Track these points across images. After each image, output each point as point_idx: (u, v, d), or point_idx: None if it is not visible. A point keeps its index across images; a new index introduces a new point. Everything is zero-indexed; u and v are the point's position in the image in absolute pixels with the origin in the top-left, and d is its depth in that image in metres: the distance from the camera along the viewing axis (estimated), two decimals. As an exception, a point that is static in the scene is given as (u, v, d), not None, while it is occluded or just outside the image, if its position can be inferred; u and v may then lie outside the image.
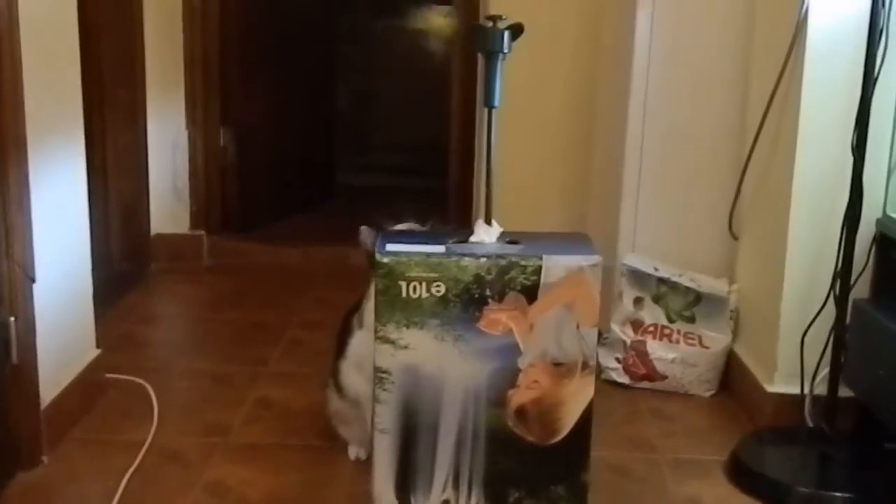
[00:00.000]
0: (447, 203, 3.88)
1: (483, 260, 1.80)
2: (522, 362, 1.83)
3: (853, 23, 2.24)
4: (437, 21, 5.21)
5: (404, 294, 1.80)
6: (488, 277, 1.80)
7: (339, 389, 2.26)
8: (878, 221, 2.33)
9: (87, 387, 2.50)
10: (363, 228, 2.12)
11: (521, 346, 1.82)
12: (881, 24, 2.16)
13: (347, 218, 4.28)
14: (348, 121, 5.11)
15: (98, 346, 2.61)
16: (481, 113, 3.46)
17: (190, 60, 3.74)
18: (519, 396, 1.84)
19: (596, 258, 1.83)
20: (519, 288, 1.80)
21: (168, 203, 3.80)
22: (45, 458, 2.24)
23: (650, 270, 2.77)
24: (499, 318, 1.81)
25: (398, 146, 5.23)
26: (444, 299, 1.80)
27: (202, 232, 3.87)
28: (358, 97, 5.27)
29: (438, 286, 1.80)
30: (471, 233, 1.91)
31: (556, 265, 1.80)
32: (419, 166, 4.71)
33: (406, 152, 5.11)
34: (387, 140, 5.32)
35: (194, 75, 3.75)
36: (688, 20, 2.77)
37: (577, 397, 1.85)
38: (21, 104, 2.11)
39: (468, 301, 1.80)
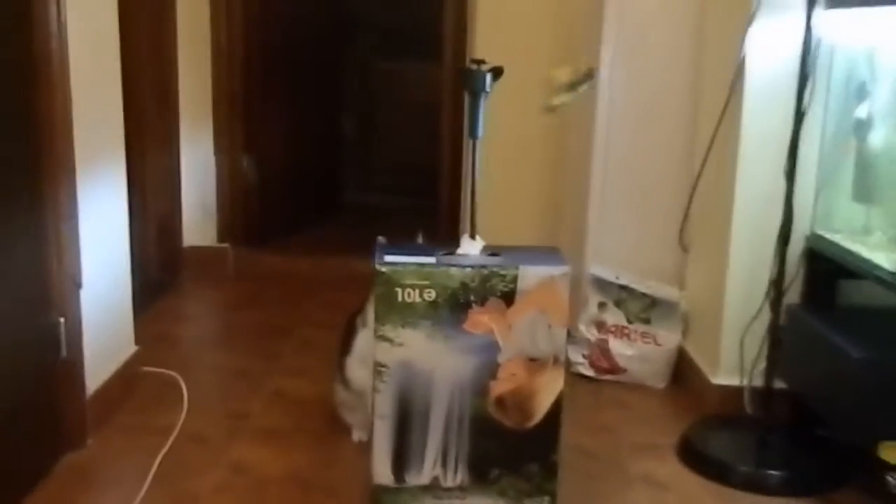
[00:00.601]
0: (439, 219, 3.88)
1: (468, 270, 1.80)
2: (502, 357, 1.83)
3: (785, 66, 2.25)
4: (430, 60, 5.20)
5: (400, 299, 1.80)
6: (472, 285, 1.80)
7: (345, 382, 2.24)
8: (807, 237, 2.33)
9: (126, 378, 2.49)
10: (381, 239, 2.08)
11: (501, 343, 1.82)
12: (809, 68, 2.16)
13: (352, 232, 4.32)
14: (353, 147, 5.09)
15: (136, 343, 2.60)
16: (467, 142, 3.48)
17: (217, 95, 3.72)
18: (498, 387, 1.84)
19: (565, 268, 1.83)
20: (499, 294, 1.80)
21: (198, 219, 3.77)
22: (89, 441, 2.23)
23: (612, 278, 2.77)
24: (481, 320, 1.81)
25: (397, 169, 5.21)
26: (434, 303, 1.80)
27: (227, 244, 3.84)
28: (362, 126, 5.26)
29: (429, 292, 1.80)
30: (457, 246, 1.92)
31: (531, 274, 1.80)
32: (415, 186, 4.69)
33: (403, 174, 5.09)
34: (387, 163, 5.30)
35: (221, 108, 3.74)
36: (644, 60, 2.77)
37: (549, 388, 1.86)
38: (70, 133, 2.10)
39: (455, 305, 1.80)
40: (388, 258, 1.82)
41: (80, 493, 2.04)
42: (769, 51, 2.32)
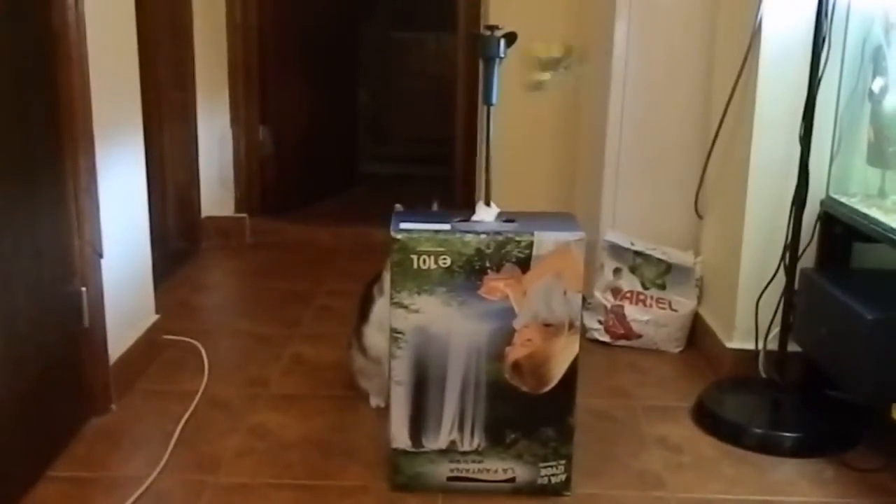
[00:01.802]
0: (454, 187, 3.87)
1: (483, 236, 1.80)
2: (517, 323, 1.83)
3: (800, 31, 2.23)
4: (445, 31, 5.17)
5: (415, 266, 1.80)
6: (487, 251, 1.80)
7: (363, 350, 2.25)
8: (822, 202, 2.31)
9: (148, 346, 2.51)
10: (398, 206, 2.07)
11: (516, 309, 1.82)
12: (824, 32, 2.14)
13: (368, 201, 4.32)
14: (369, 117, 5.08)
15: (157, 312, 2.62)
16: (482, 110, 3.47)
17: (233, 67, 3.72)
18: (514, 353, 1.84)
19: (580, 234, 1.82)
20: (514, 260, 1.80)
21: (215, 190, 3.78)
22: (113, 406, 2.26)
23: (627, 245, 2.76)
24: (497, 286, 1.81)
25: (411, 139, 5.21)
26: (449, 270, 1.80)
27: (245, 214, 3.85)
28: (377, 97, 5.24)
29: (445, 259, 1.80)
30: (472, 213, 1.91)
31: (546, 240, 1.80)
32: (430, 156, 4.69)
33: (418, 144, 5.09)
34: (402, 134, 5.30)
35: (237, 80, 3.74)
36: (659, 26, 2.74)
37: (564, 353, 1.86)
38: (89, 106, 2.10)
39: (470, 271, 1.80)
40: (404, 225, 1.82)
41: (106, 455, 2.07)
42: (784, 15, 2.29)
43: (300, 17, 4.04)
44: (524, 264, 1.80)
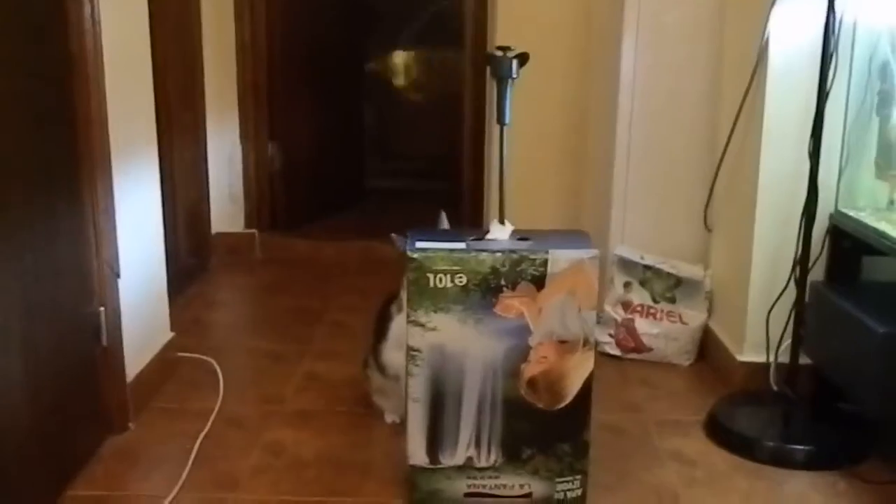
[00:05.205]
0: (461, 202, 3.89)
1: (498, 254, 1.81)
2: (532, 340, 1.84)
3: (808, 46, 2.24)
4: (449, 47, 5.20)
5: (431, 284, 1.81)
6: (503, 269, 1.81)
7: (381, 368, 2.24)
8: (831, 216, 2.33)
9: (164, 364, 2.53)
10: (394, 236, 2.09)
11: (532, 326, 1.83)
12: (832, 47, 2.15)
13: (376, 217, 4.34)
14: (375, 133, 5.11)
15: (172, 330, 2.63)
16: (490, 125, 3.49)
17: (242, 86, 3.75)
18: (530, 369, 1.85)
19: (594, 252, 1.84)
20: (529, 278, 1.81)
21: (225, 206, 3.81)
22: (131, 425, 2.27)
23: (637, 259, 2.78)
24: (512, 304, 1.82)
25: (417, 154, 5.23)
26: (465, 288, 1.81)
27: (254, 230, 3.88)
28: (383, 113, 5.27)
29: (460, 277, 1.81)
30: (486, 231, 1.93)
31: (560, 258, 1.81)
32: (436, 171, 4.71)
33: (424, 159, 5.11)
34: (408, 149, 5.32)
35: (246, 99, 3.77)
36: (666, 41, 2.76)
37: (579, 369, 1.87)
38: (106, 128, 2.12)
39: (486, 289, 1.81)
40: (420, 244, 1.84)
41: (124, 474, 2.08)
42: (792, 31, 2.31)
43: (307, 35, 4.07)
44: (539, 282, 1.81)
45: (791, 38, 2.31)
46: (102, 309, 2.15)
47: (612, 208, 2.85)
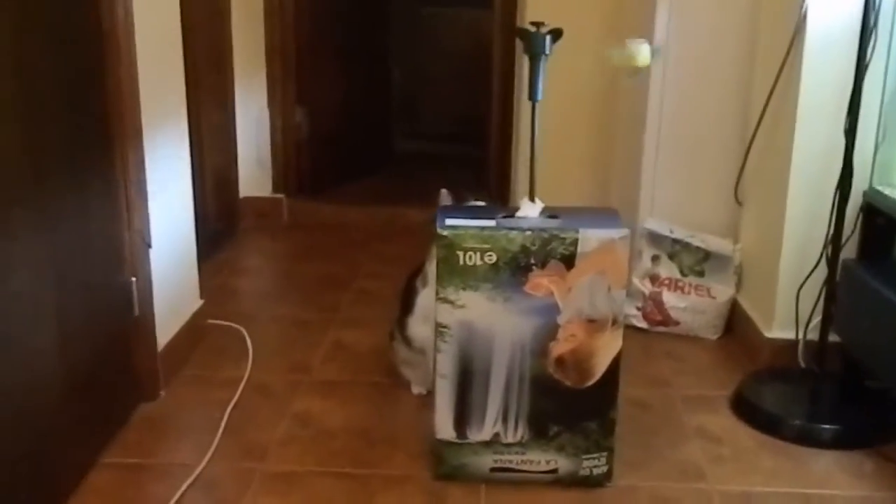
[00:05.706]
0: (488, 171, 3.87)
1: (528, 233, 1.80)
2: (561, 319, 1.84)
3: (847, 21, 2.20)
4: (478, 7, 5.14)
5: (461, 262, 1.81)
6: (533, 248, 1.80)
7: (407, 341, 2.26)
8: (865, 193, 2.30)
9: (193, 331, 2.55)
10: (444, 191, 2.09)
11: (561, 305, 1.83)
12: (871, 22, 2.11)
13: (403, 181, 4.33)
14: (402, 97, 5.08)
15: (201, 297, 2.66)
16: (519, 91, 3.45)
17: (270, 50, 3.74)
18: (558, 348, 1.86)
19: (625, 231, 1.82)
20: (559, 257, 1.81)
21: (253, 171, 3.81)
22: (162, 392, 2.30)
23: (666, 232, 2.76)
24: (541, 283, 1.82)
25: (445, 117, 5.20)
26: (494, 266, 1.81)
27: (282, 195, 3.89)
28: (410, 76, 5.23)
29: (490, 255, 1.81)
30: (516, 209, 1.92)
31: (591, 237, 1.80)
32: (463, 134, 4.69)
33: (451, 122, 5.08)
34: (435, 112, 5.29)
35: (273, 63, 3.75)
36: (700, 13, 2.71)
37: (607, 348, 1.87)
38: (137, 98, 2.12)
39: (515, 268, 1.81)
40: (450, 222, 1.83)
41: (156, 442, 2.12)
42: (830, 4, 2.26)
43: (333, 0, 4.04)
44: (569, 261, 1.81)
45: (830, 11, 2.26)
46: (134, 279, 2.17)
47: (641, 181, 2.83)
